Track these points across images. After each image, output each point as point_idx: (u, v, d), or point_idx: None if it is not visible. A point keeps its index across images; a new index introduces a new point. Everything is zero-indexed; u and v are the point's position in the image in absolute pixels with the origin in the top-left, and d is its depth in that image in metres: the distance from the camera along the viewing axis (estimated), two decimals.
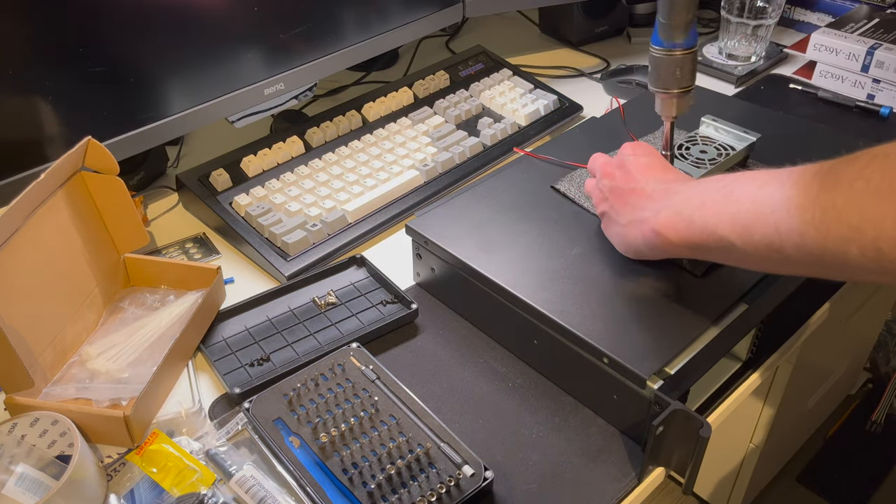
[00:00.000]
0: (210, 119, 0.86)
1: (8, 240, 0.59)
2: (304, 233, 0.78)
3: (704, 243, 0.54)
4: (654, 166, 0.63)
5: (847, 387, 1.57)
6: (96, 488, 0.55)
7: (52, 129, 0.74)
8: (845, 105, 1.01)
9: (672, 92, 0.66)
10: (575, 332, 0.58)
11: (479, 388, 0.64)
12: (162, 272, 0.74)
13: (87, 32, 0.73)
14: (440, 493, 0.53)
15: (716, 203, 0.52)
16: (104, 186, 0.70)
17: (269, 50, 0.88)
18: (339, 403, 0.60)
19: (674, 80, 0.65)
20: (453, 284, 0.70)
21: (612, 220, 0.64)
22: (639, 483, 0.57)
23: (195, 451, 0.58)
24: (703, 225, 0.53)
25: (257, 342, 0.69)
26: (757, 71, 1.11)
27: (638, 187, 0.61)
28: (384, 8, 0.97)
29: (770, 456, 1.25)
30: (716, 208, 0.52)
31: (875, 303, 1.27)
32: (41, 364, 0.61)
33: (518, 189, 0.75)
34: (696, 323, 0.59)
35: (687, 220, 0.54)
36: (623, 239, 0.63)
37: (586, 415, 0.62)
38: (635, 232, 0.60)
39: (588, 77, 1.13)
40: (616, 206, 0.63)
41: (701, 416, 0.53)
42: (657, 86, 0.66)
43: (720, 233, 0.52)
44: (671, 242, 0.56)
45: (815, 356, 1.10)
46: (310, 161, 0.88)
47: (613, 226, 0.64)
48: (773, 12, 1.07)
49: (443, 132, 0.94)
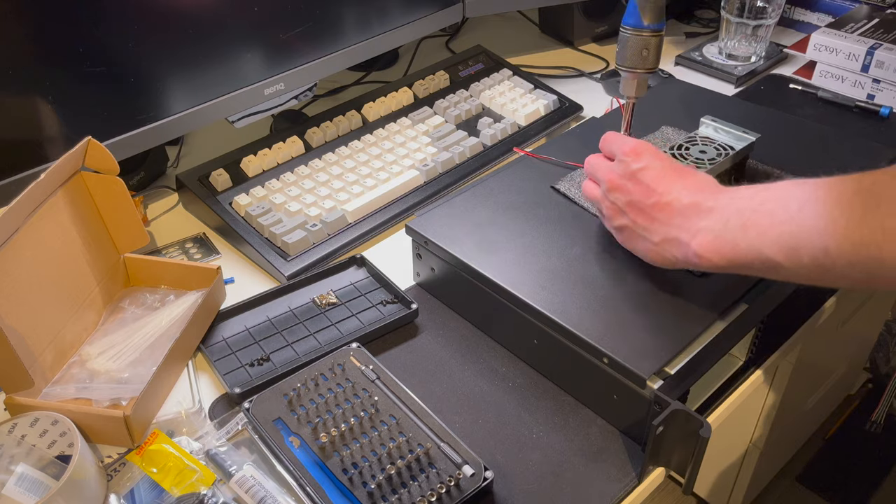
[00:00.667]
0: (210, 119, 0.86)
1: (8, 240, 0.59)
2: (304, 233, 0.78)
3: (751, 265, 0.53)
4: (668, 172, 0.60)
5: (847, 387, 1.57)
6: (96, 488, 0.55)
7: (52, 129, 0.74)
8: (845, 105, 1.01)
9: (637, 72, 0.70)
10: (575, 332, 0.58)
11: (479, 388, 0.64)
12: (162, 272, 0.74)
13: (87, 32, 0.73)
14: (440, 493, 0.53)
15: (758, 225, 0.52)
16: (104, 186, 0.70)
17: (269, 50, 0.88)
18: (339, 403, 0.60)
19: (640, 60, 0.69)
20: (453, 284, 0.70)
21: (638, 237, 0.61)
22: (639, 483, 0.57)
23: (195, 451, 0.58)
24: (748, 247, 0.53)
25: (257, 342, 0.69)
26: (757, 71, 1.11)
27: (662, 201, 0.59)
28: (384, 8, 0.97)
29: (770, 456, 1.25)
30: (759, 230, 0.52)
31: (875, 303, 1.27)
32: (41, 364, 0.61)
33: (518, 189, 0.75)
34: (696, 323, 0.59)
35: (731, 244, 0.54)
36: (658, 256, 0.60)
37: (586, 415, 0.62)
38: (673, 251, 0.58)
39: (588, 77, 1.13)
40: (640, 223, 0.60)
41: (701, 416, 0.53)
42: (625, 64, 0.70)
43: (766, 254, 0.51)
44: (715, 265, 0.55)
45: (815, 356, 1.10)
46: (310, 161, 0.88)
47: (641, 242, 0.61)
48: (773, 12, 1.07)
49: (443, 132, 0.94)
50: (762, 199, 0.53)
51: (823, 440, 1.56)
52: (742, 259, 0.53)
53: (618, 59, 0.71)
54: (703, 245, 0.55)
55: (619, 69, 0.72)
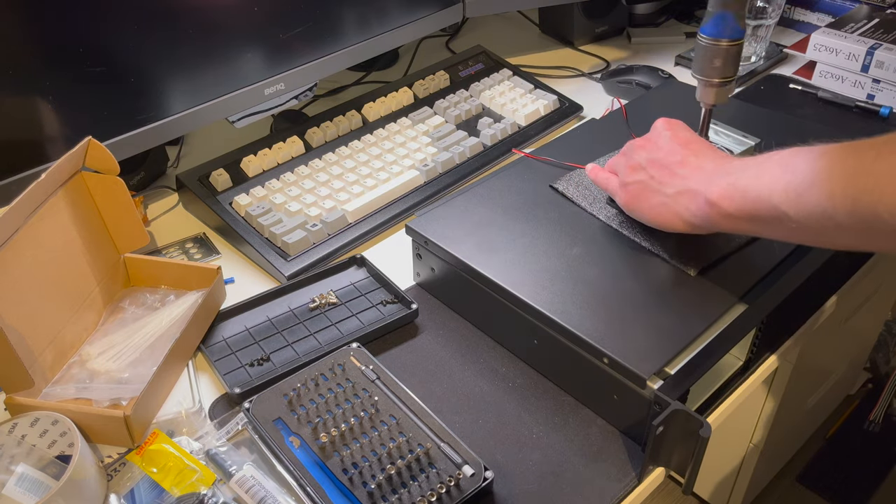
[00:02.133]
0: (210, 119, 0.86)
1: (8, 240, 0.59)
2: (304, 233, 0.78)
3: (758, 214, 0.54)
4: (696, 141, 0.63)
5: (847, 387, 1.57)
6: (96, 488, 0.55)
7: (52, 129, 0.74)
8: (845, 105, 1.01)
9: (713, 81, 0.68)
10: (575, 332, 0.58)
11: (479, 388, 0.64)
12: (162, 272, 0.74)
13: (87, 32, 0.73)
14: (440, 493, 0.53)
15: (772, 174, 0.53)
16: (104, 186, 0.70)
17: (269, 50, 0.88)
18: (339, 403, 0.60)
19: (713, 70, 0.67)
20: (453, 284, 0.70)
21: (651, 191, 0.63)
22: (639, 483, 0.57)
23: (195, 451, 0.58)
24: (758, 195, 0.54)
25: (257, 342, 0.69)
26: (757, 71, 1.11)
27: (686, 159, 0.61)
28: (384, 8, 0.97)
29: (770, 456, 1.25)
30: (771, 178, 0.53)
31: (875, 303, 1.27)
32: (41, 364, 0.61)
33: (518, 189, 0.75)
34: (696, 323, 0.59)
35: (742, 191, 0.55)
36: (666, 210, 0.62)
37: (586, 415, 0.62)
38: (686, 201, 0.60)
39: (588, 77, 1.13)
40: (659, 177, 0.62)
41: (701, 416, 0.53)
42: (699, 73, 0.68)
43: (774, 202, 0.52)
44: (725, 213, 0.56)
45: (815, 356, 1.10)
46: (310, 161, 0.88)
47: (653, 196, 0.63)
48: (773, 12, 1.07)
49: (443, 132, 0.94)
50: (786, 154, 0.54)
51: (823, 440, 1.56)
52: (750, 207, 0.55)
53: (693, 67, 0.69)
54: (715, 192, 0.57)
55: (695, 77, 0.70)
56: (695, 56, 0.68)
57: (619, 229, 0.68)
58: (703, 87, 0.69)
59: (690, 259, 0.64)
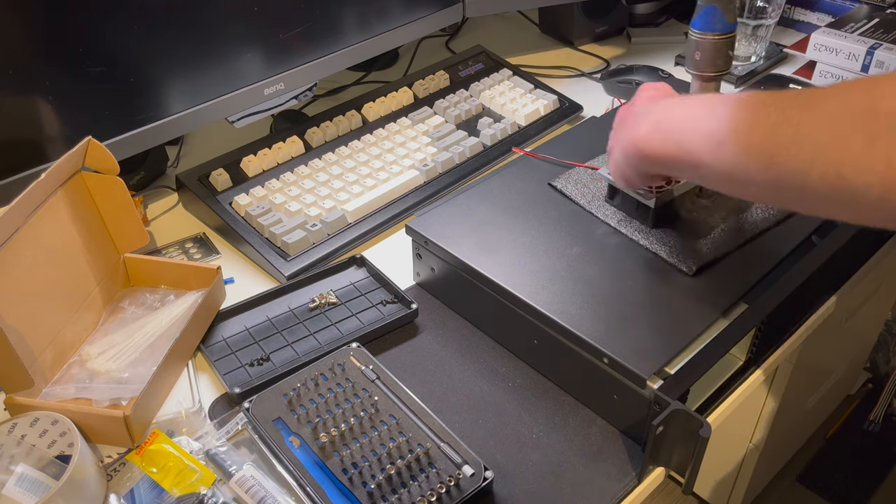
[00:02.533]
0: (210, 119, 0.86)
1: (8, 240, 0.59)
2: (304, 233, 0.78)
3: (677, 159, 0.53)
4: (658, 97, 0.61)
5: (847, 387, 1.57)
6: (96, 488, 0.55)
7: (52, 129, 0.74)
8: None
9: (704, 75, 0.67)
10: (575, 332, 0.58)
11: (479, 388, 0.64)
12: (162, 272, 0.74)
13: (86, 32, 0.73)
14: (440, 493, 0.53)
15: (697, 118, 0.51)
16: (104, 186, 0.70)
17: (269, 50, 0.88)
18: (339, 403, 0.60)
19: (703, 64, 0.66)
20: (453, 284, 0.70)
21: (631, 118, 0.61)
22: (639, 483, 0.57)
23: (195, 451, 0.58)
24: (678, 140, 0.52)
25: (257, 342, 0.69)
26: (757, 71, 1.11)
27: (634, 111, 0.59)
28: (384, 8, 0.97)
29: (770, 456, 1.25)
30: (696, 123, 0.51)
31: (875, 303, 1.27)
32: (41, 364, 0.61)
33: (518, 189, 0.75)
34: (695, 323, 0.59)
35: (663, 134, 0.53)
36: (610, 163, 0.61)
37: (586, 415, 0.62)
38: (618, 149, 0.59)
39: (588, 77, 1.13)
40: (612, 135, 0.62)
41: (701, 416, 0.53)
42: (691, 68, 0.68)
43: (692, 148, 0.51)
44: (647, 156, 0.55)
45: (815, 356, 1.10)
46: (310, 161, 0.88)
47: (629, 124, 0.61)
48: (773, 12, 1.06)
49: (443, 132, 0.94)
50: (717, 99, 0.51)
51: (823, 440, 1.56)
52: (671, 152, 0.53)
53: (686, 63, 0.69)
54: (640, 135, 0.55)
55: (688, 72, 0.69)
56: (686, 51, 0.68)
57: (617, 228, 0.69)
58: (695, 81, 0.69)
59: (689, 258, 0.64)
